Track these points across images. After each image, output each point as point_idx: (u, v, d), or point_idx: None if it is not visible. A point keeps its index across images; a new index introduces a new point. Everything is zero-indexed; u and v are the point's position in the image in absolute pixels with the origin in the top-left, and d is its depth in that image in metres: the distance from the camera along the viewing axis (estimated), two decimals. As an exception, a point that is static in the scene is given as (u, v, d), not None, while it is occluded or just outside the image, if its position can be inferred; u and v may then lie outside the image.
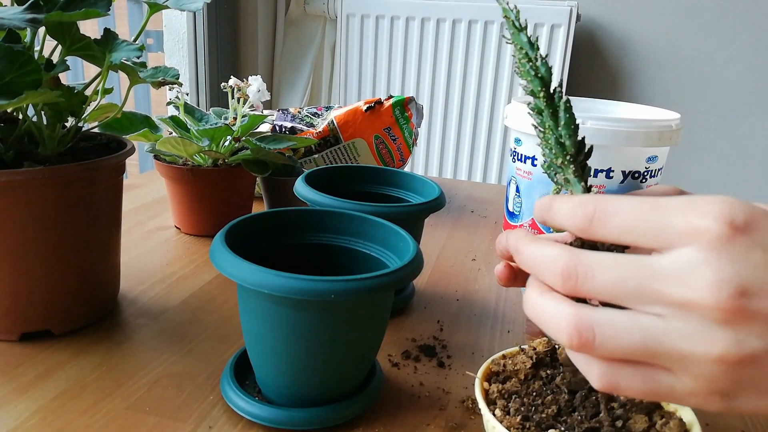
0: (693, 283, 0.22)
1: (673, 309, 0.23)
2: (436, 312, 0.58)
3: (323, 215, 0.48)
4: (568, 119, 0.31)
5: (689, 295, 0.22)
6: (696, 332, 0.22)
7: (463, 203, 0.97)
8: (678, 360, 0.23)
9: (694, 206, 0.23)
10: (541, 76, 0.31)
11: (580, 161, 0.31)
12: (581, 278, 0.24)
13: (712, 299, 0.21)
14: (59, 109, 0.48)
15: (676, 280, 0.22)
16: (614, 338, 0.23)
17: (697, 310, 0.22)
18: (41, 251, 0.45)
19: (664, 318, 0.23)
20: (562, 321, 0.24)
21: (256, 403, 0.40)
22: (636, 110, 0.80)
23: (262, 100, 0.72)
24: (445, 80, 1.83)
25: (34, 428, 0.38)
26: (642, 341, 0.23)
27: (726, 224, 0.22)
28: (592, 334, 0.24)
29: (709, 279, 0.22)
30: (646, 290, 0.23)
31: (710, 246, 0.22)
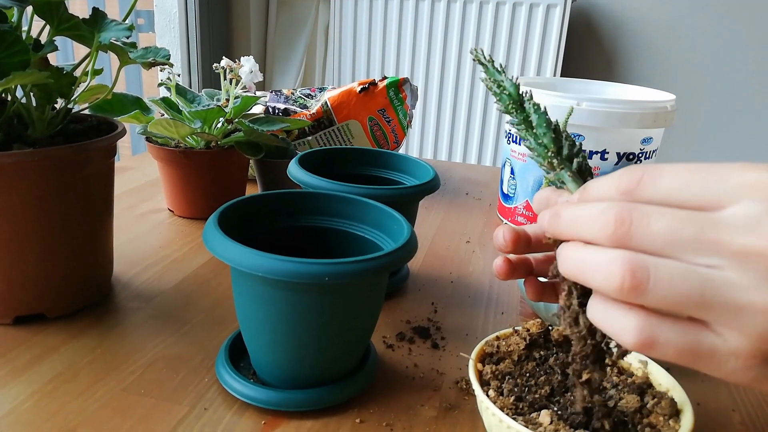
0: (756, 233, 0.21)
1: (731, 260, 0.22)
2: (430, 294, 0.59)
3: (317, 198, 0.48)
4: (539, 118, 0.33)
5: (751, 243, 0.21)
6: (755, 283, 0.22)
7: (457, 185, 0.97)
8: (733, 312, 0.22)
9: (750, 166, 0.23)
10: (508, 93, 0.34)
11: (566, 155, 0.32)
12: (636, 223, 0.23)
13: None
14: (48, 91, 0.47)
15: (739, 230, 0.22)
16: (670, 281, 0.22)
17: (757, 261, 0.21)
18: (33, 234, 0.45)
19: (722, 269, 0.22)
20: (616, 261, 0.23)
21: (252, 385, 0.40)
22: (631, 91, 0.79)
23: (255, 81, 0.71)
24: (440, 61, 1.81)
25: (29, 411, 0.38)
26: (699, 288, 0.22)
27: None
28: (647, 275, 0.23)
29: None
30: (704, 238, 0.22)
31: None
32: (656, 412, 0.35)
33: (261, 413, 0.40)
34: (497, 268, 0.36)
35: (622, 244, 0.24)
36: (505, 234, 0.35)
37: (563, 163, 0.32)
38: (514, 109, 0.34)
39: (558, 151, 0.32)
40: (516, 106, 0.34)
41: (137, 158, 0.98)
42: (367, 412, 0.41)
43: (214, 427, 0.38)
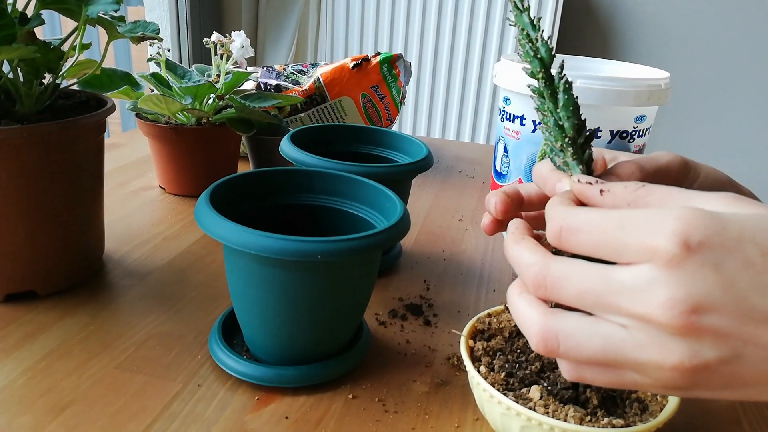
0: (648, 301, 0.23)
1: (632, 320, 0.24)
2: (422, 272, 0.59)
3: (309, 175, 0.47)
4: (567, 100, 0.30)
5: (644, 311, 0.24)
6: (653, 343, 0.24)
7: (450, 163, 0.97)
8: (637, 367, 0.25)
9: (654, 224, 0.24)
10: (540, 57, 0.31)
11: (581, 144, 0.31)
12: (549, 288, 0.26)
13: (665, 317, 0.23)
14: (36, 66, 0.46)
15: (633, 296, 0.24)
16: (576, 347, 0.25)
17: (654, 324, 0.24)
18: (23, 211, 0.45)
19: (626, 328, 0.25)
20: (532, 328, 0.27)
21: (245, 362, 0.40)
22: (625, 69, 0.79)
23: (246, 56, 0.70)
24: (434, 37, 1.80)
25: (22, 388, 0.38)
26: (603, 351, 0.25)
27: (679, 245, 0.23)
28: (556, 344, 0.26)
29: (662, 297, 0.23)
30: (606, 303, 0.25)
31: (665, 265, 0.23)
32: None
33: (254, 389, 0.40)
34: (484, 227, 0.37)
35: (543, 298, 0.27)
36: (497, 204, 0.36)
37: (577, 153, 0.31)
38: (543, 79, 0.31)
39: (575, 138, 0.31)
40: (545, 75, 0.31)
41: (127, 135, 0.97)
42: (359, 388, 0.41)
43: (208, 403, 0.38)
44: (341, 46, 1.87)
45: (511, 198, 0.36)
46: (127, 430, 0.35)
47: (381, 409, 0.39)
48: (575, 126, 0.30)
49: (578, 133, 0.31)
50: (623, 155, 0.37)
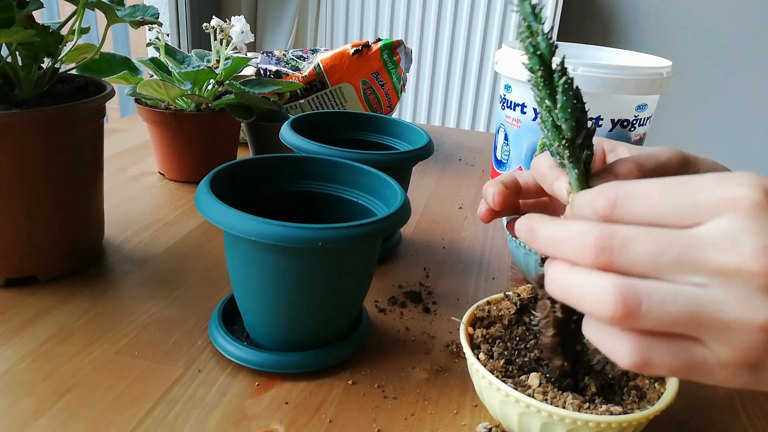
0: (736, 250, 0.22)
1: (715, 278, 0.22)
2: (422, 259, 0.59)
3: (310, 162, 0.47)
4: (565, 102, 0.29)
5: (733, 261, 0.22)
6: (740, 300, 0.22)
7: (450, 151, 0.97)
8: (721, 329, 0.23)
9: (724, 179, 0.23)
10: (540, 54, 0.29)
11: (579, 144, 0.30)
12: (617, 249, 0.23)
13: (757, 265, 0.21)
14: (34, 50, 0.46)
15: (719, 248, 0.22)
16: (661, 305, 0.23)
17: (740, 278, 0.22)
18: (22, 196, 0.45)
19: (707, 287, 0.23)
20: (606, 290, 0.23)
21: (245, 348, 0.40)
22: (627, 57, 0.79)
23: (246, 41, 0.70)
24: (434, 23, 1.78)
25: (23, 372, 0.38)
26: (689, 309, 0.22)
27: (762, 192, 0.22)
28: (638, 302, 0.23)
29: (752, 245, 0.21)
30: (686, 259, 0.23)
31: (749, 214, 0.22)
32: (642, 375, 0.35)
33: (254, 375, 0.40)
34: (481, 214, 0.37)
35: (607, 269, 0.24)
36: (494, 195, 0.36)
37: (574, 154, 0.30)
38: (541, 78, 0.29)
39: (573, 140, 0.30)
40: (544, 73, 0.29)
41: (126, 120, 0.96)
42: (359, 374, 0.41)
43: (208, 389, 0.38)
44: (341, 31, 1.86)
45: (508, 188, 0.36)
46: (128, 414, 0.36)
47: (380, 395, 0.39)
48: (573, 128, 0.29)
49: (576, 133, 0.29)
50: (623, 146, 0.37)
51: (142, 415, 0.36)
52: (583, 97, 0.30)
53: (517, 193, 0.37)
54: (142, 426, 0.35)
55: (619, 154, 0.37)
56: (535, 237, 0.27)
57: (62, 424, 0.35)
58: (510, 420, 0.34)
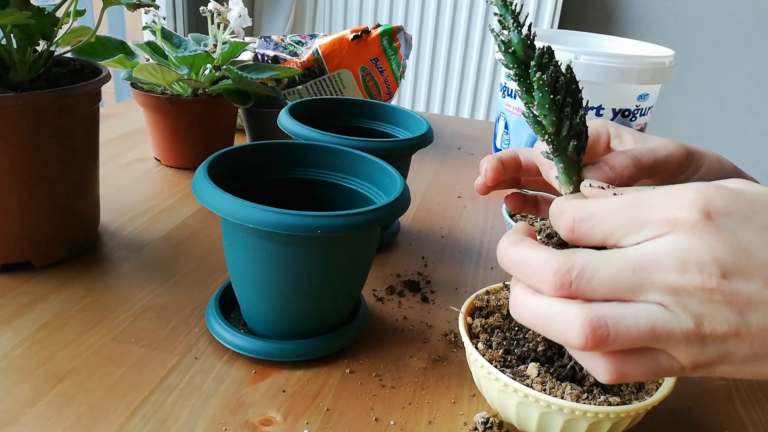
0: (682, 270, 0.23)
1: (668, 295, 0.24)
2: (420, 248, 0.59)
3: (308, 149, 0.47)
4: (542, 98, 0.28)
5: (677, 280, 0.23)
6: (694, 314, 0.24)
7: (450, 140, 0.96)
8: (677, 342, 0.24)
9: (672, 198, 0.24)
10: (512, 51, 0.28)
11: (564, 137, 0.29)
12: (575, 281, 0.25)
13: (696, 281, 0.23)
14: (29, 32, 0.45)
15: (665, 268, 0.24)
16: (626, 330, 0.24)
17: (689, 293, 0.23)
18: (17, 180, 0.44)
19: (664, 305, 0.24)
20: (574, 322, 0.24)
21: (242, 336, 0.40)
22: (629, 46, 0.78)
23: (244, 26, 0.69)
24: (434, 9, 1.77)
25: (19, 358, 0.38)
26: (649, 327, 0.24)
27: (701, 212, 0.23)
28: (606, 332, 0.24)
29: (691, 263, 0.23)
30: (639, 281, 0.24)
31: (688, 232, 0.23)
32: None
33: (252, 363, 0.40)
34: (477, 186, 0.38)
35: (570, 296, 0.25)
36: (488, 171, 0.36)
37: (559, 147, 0.30)
38: (517, 75, 0.28)
39: (556, 134, 0.29)
40: (519, 70, 0.28)
41: (122, 105, 0.95)
42: (356, 363, 0.41)
43: (205, 376, 0.38)
44: (340, 17, 1.84)
45: (505, 164, 0.37)
46: (125, 401, 0.35)
47: (378, 384, 0.39)
48: (553, 123, 0.29)
49: (558, 128, 0.29)
50: (629, 132, 0.37)
51: (139, 402, 0.35)
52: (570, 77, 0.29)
53: (516, 170, 0.37)
54: (138, 413, 0.35)
55: (623, 141, 0.36)
56: (502, 259, 0.28)
57: (58, 410, 0.34)
58: (508, 410, 0.34)
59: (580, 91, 0.30)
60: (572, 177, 0.31)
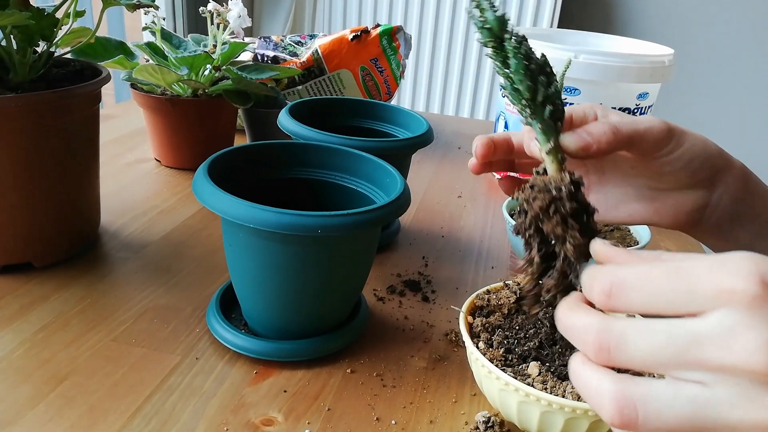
0: (736, 347, 0.21)
1: (716, 375, 0.21)
2: (421, 248, 0.59)
3: (308, 149, 0.47)
4: (517, 64, 0.29)
5: (732, 359, 0.21)
6: (743, 398, 0.21)
7: (450, 139, 0.96)
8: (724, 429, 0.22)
9: (721, 267, 0.22)
10: (489, 28, 0.29)
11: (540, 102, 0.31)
12: (614, 350, 0.23)
13: (757, 363, 0.20)
14: (29, 33, 0.45)
15: (717, 345, 0.21)
16: (659, 415, 0.22)
17: (741, 376, 0.21)
18: (18, 182, 0.44)
19: (708, 386, 0.22)
20: (604, 398, 0.23)
21: (243, 336, 0.40)
22: (629, 45, 0.78)
23: (243, 26, 0.69)
24: (434, 9, 1.77)
25: (19, 359, 0.38)
26: (689, 415, 0.22)
27: (759, 283, 0.21)
28: (635, 414, 0.22)
29: (752, 342, 0.21)
30: (685, 357, 0.22)
31: (747, 306, 0.21)
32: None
33: (253, 363, 0.40)
34: (471, 166, 0.38)
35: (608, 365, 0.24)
36: (478, 148, 0.37)
37: (536, 111, 0.31)
38: (493, 48, 0.30)
39: (532, 98, 0.31)
40: (495, 44, 0.30)
41: (122, 106, 0.95)
42: (357, 363, 0.41)
43: (206, 376, 0.38)
44: (339, 17, 1.84)
45: (497, 144, 0.37)
46: (125, 402, 0.35)
47: (379, 383, 0.39)
48: (529, 87, 0.30)
49: (534, 93, 0.30)
50: (615, 114, 0.37)
51: (140, 403, 0.35)
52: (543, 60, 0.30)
53: (508, 151, 0.37)
54: (140, 413, 0.35)
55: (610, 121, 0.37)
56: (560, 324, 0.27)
57: (59, 410, 0.34)
58: (509, 409, 0.34)
59: (555, 74, 0.31)
60: (549, 138, 0.32)
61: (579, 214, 0.29)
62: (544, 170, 0.32)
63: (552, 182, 0.30)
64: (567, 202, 0.29)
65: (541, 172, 0.32)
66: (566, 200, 0.29)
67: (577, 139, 0.32)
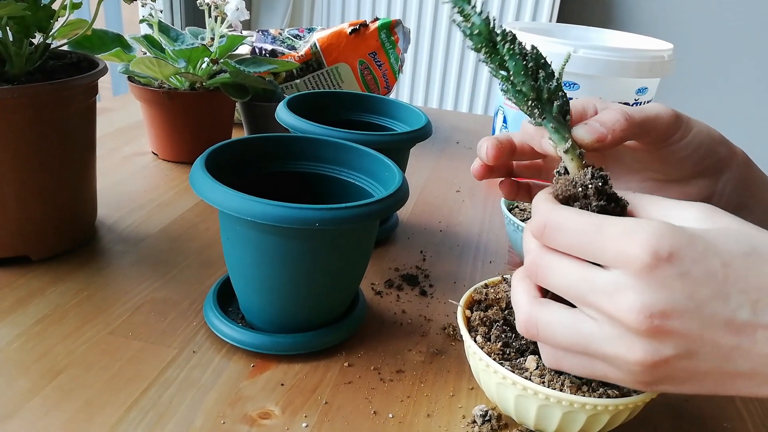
0: (618, 303, 0.26)
1: (604, 317, 0.27)
2: (419, 242, 0.59)
3: (306, 142, 0.47)
4: (516, 66, 0.29)
5: (614, 312, 0.26)
6: (620, 338, 0.26)
7: (448, 134, 0.96)
8: (605, 359, 0.27)
9: (630, 234, 0.26)
10: (478, 33, 0.29)
11: (546, 99, 0.30)
12: (539, 275, 0.29)
13: (632, 320, 0.25)
14: (26, 24, 0.44)
15: (607, 296, 0.26)
16: (552, 336, 0.28)
17: (622, 323, 0.26)
18: (15, 175, 0.44)
19: (598, 322, 0.27)
20: (519, 313, 0.30)
21: (240, 329, 0.40)
22: (628, 39, 0.78)
23: (241, 19, 0.68)
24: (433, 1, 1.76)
25: (16, 352, 0.38)
26: (575, 341, 0.28)
27: (651, 254, 0.25)
28: (535, 330, 0.29)
29: (630, 302, 0.25)
30: (585, 298, 0.27)
31: (636, 272, 0.25)
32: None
33: (250, 356, 0.40)
34: (474, 171, 0.38)
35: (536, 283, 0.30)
36: (489, 150, 0.36)
37: (544, 110, 0.30)
38: (486, 53, 0.29)
39: (538, 98, 0.30)
40: (488, 48, 0.29)
41: (119, 99, 0.95)
42: (355, 356, 0.41)
43: (204, 370, 0.38)
44: (338, 10, 1.84)
45: (502, 145, 0.36)
46: (122, 395, 0.35)
47: (376, 377, 0.39)
48: (533, 87, 0.30)
49: (539, 92, 0.30)
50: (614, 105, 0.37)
51: (137, 396, 0.35)
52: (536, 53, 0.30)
53: (511, 153, 0.37)
54: (136, 407, 0.35)
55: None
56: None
57: (56, 404, 0.34)
58: (507, 403, 0.34)
59: (550, 64, 0.31)
60: (564, 135, 0.31)
61: (610, 208, 0.30)
62: (564, 170, 0.32)
63: (577, 182, 0.30)
64: (595, 200, 0.29)
65: (562, 172, 0.32)
66: (594, 198, 0.30)
67: (591, 131, 0.32)
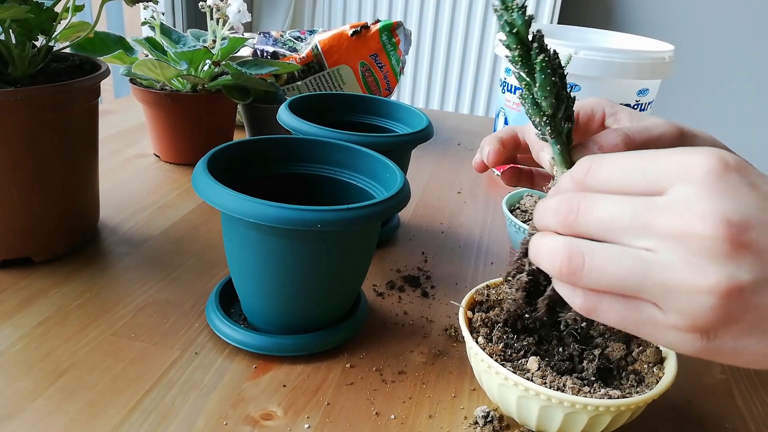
0: (687, 214, 0.22)
1: (665, 241, 0.23)
2: (420, 244, 0.59)
3: (308, 144, 0.47)
4: (544, 80, 0.29)
5: (681, 224, 0.22)
6: (687, 264, 0.22)
7: (449, 135, 0.96)
8: (665, 292, 0.23)
9: (685, 150, 0.24)
10: (516, 31, 0.29)
11: (560, 119, 0.30)
12: (581, 211, 0.25)
13: (707, 229, 0.22)
14: (28, 27, 0.45)
15: (670, 212, 0.23)
16: (604, 265, 0.24)
17: (689, 241, 0.22)
18: (18, 177, 0.44)
19: (654, 251, 0.23)
20: (557, 250, 0.25)
21: (243, 330, 0.40)
22: (629, 41, 0.78)
23: (243, 21, 0.69)
24: (434, 4, 1.76)
25: (19, 353, 0.38)
26: (631, 271, 0.23)
27: (717, 160, 0.23)
28: (581, 260, 0.24)
29: (703, 210, 0.22)
30: (639, 223, 0.23)
31: (703, 179, 0.22)
32: (641, 360, 0.35)
33: (252, 358, 0.40)
34: (475, 164, 0.38)
35: (572, 231, 0.26)
36: (490, 155, 0.37)
37: (555, 129, 0.30)
38: (519, 56, 0.29)
39: (554, 116, 0.30)
40: (522, 51, 0.29)
41: (121, 101, 0.95)
42: (356, 358, 0.41)
43: (206, 371, 0.38)
44: (339, 12, 1.84)
45: (505, 146, 0.37)
46: (125, 396, 0.35)
47: (378, 378, 0.39)
48: (552, 104, 0.29)
49: (556, 109, 0.30)
50: (625, 111, 0.37)
51: (140, 397, 0.35)
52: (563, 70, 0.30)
53: (515, 148, 0.37)
54: (139, 407, 0.35)
55: (618, 119, 0.36)
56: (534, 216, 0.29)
57: (59, 405, 0.34)
58: (508, 404, 0.34)
59: (565, 75, 0.31)
60: (567, 159, 0.31)
61: None
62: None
63: None
64: None
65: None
66: None
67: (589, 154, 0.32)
